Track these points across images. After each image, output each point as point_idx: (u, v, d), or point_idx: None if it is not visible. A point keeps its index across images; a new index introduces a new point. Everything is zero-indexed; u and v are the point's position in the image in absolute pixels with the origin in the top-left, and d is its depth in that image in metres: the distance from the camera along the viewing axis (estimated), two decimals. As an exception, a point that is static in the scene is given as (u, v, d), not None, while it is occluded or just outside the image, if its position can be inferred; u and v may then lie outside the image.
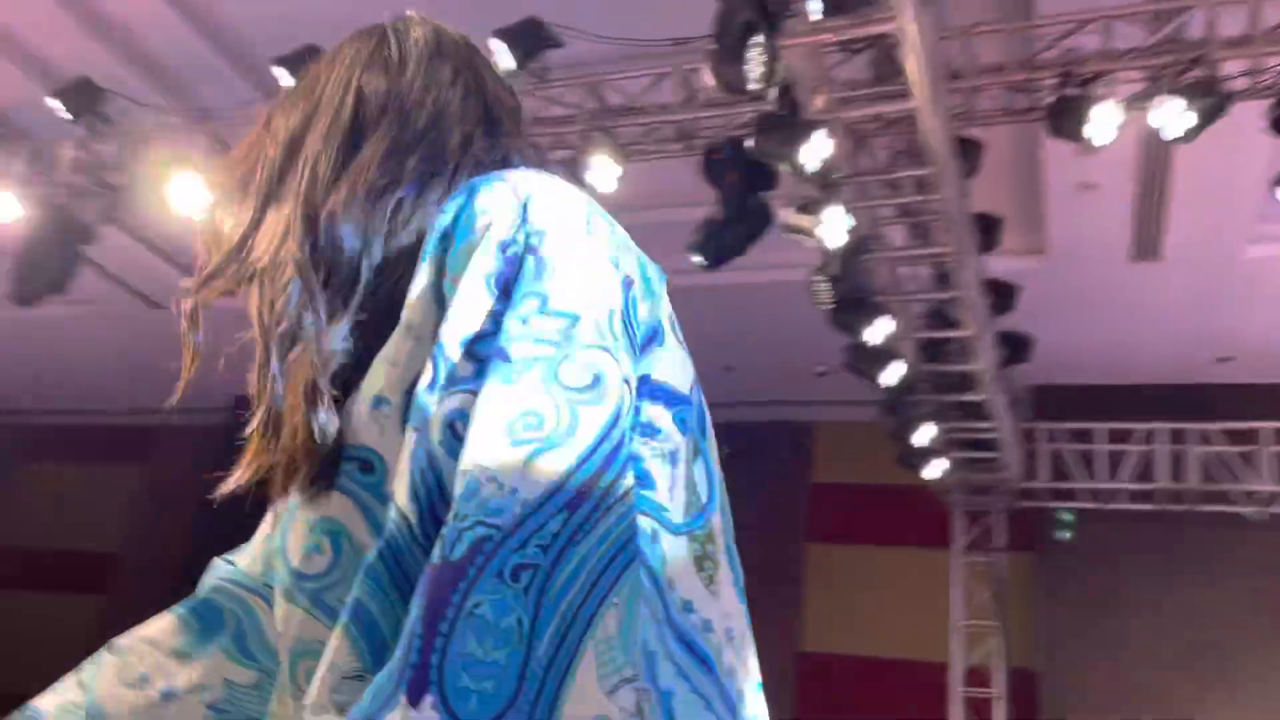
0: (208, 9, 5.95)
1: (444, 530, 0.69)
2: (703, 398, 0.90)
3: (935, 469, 7.38)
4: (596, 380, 0.75)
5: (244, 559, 1.12)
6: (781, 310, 7.10)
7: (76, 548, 11.34)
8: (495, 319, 0.79)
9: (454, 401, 0.77)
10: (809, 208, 4.40)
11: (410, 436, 0.78)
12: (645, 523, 0.80)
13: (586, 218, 0.84)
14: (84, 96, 5.65)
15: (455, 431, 0.75)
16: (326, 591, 0.84)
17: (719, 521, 0.87)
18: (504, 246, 0.81)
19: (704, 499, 0.86)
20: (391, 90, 0.97)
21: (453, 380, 0.78)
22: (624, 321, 0.80)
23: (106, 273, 7.87)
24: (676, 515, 0.83)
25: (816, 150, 4.02)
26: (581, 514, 0.70)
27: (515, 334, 0.77)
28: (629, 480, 0.73)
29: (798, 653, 9.12)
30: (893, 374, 5.82)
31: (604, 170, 4.90)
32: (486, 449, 0.71)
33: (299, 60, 5.27)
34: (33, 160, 6.07)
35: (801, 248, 4.93)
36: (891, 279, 5.51)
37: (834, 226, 4.38)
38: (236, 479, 0.90)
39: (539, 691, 0.65)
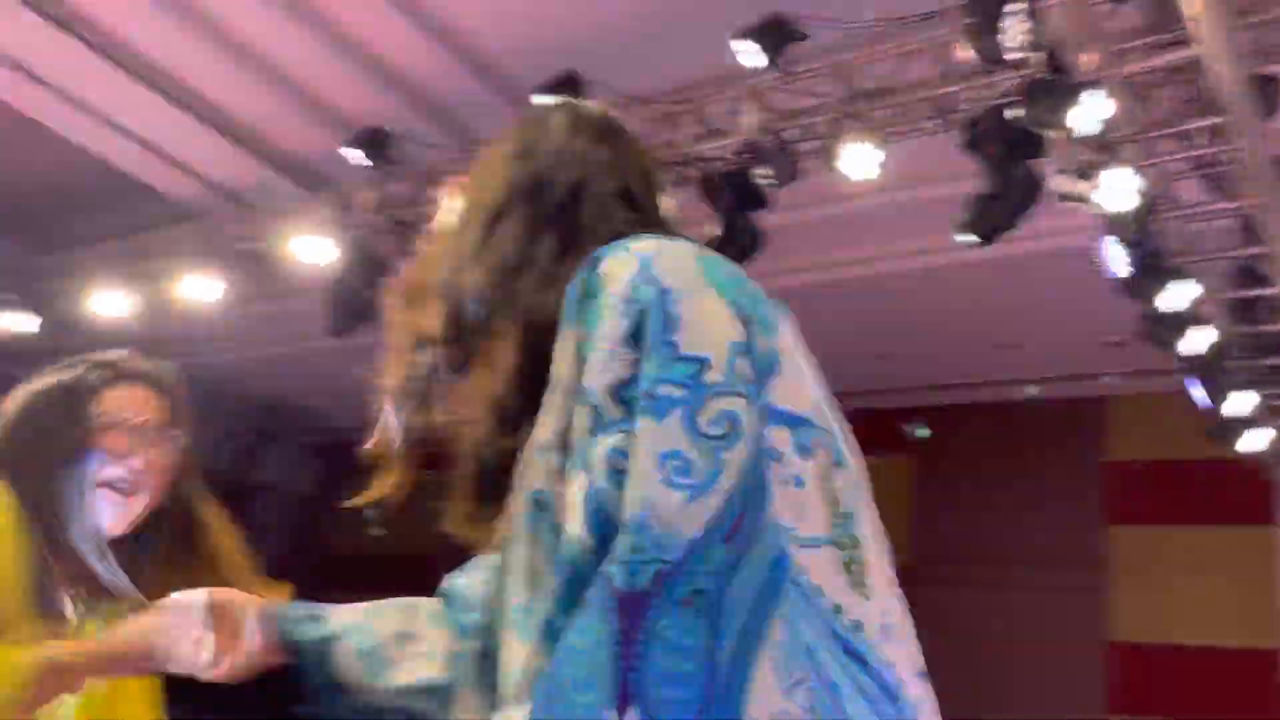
0: (477, 47, 6.36)
1: (623, 560, 0.81)
2: (833, 413, 0.99)
3: (1254, 440, 6.70)
4: (733, 424, 0.86)
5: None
6: (1061, 280, 6.71)
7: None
8: (633, 367, 0.90)
9: (611, 440, 0.88)
10: (1086, 172, 4.14)
11: (580, 477, 0.90)
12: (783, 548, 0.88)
13: (703, 268, 0.96)
14: (376, 143, 6.21)
15: (616, 467, 0.87)
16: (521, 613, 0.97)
17: (865, 526, 0.95)
18: (630, 303, 0.92)
19: (846, 509, 0.94)
20: (531, 173, 1.13)
21: (606, 423, 0.89)
22: (749, 356, 0.91)
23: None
24: (810, 529, 0.90)
25: (1092, 112, 3.78)
26: (739, 543, 0.82)
27: (654, 379, 0.89)
28: (773, 506, 0.85)
29: (1107, 642, 8.58)
30: (1197, 340, 5.35)
31: (860, 157, 4.83)
32: (649, 490, 0.84)
33: (559, 87, 5.56)
34: (336, 205, 6.74)
35: (1075, 213, 4.65)
36: (1187, 239, 5.08)
37: (1118, 189, 4.09)
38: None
39: (725, 694, 0.77)
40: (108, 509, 1.59)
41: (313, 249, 6.47)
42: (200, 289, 7.07)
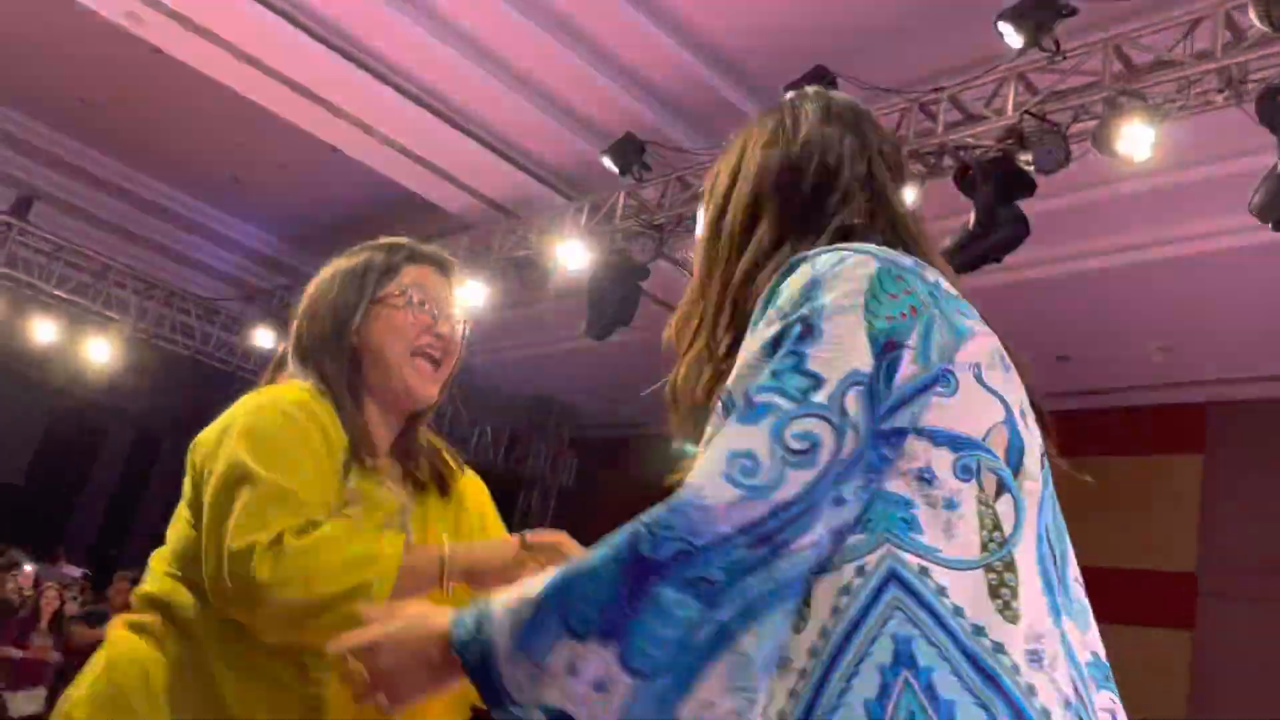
0: (725, 51, 6.43)
1: (653, 530, 0.90)
2: (1017, 438, 1.00)
3: None
4: (813, 447, 0.91)
5: None
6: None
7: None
8: (761, 367, 0.97)
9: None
10: None
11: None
12: (914, 560, 0.92)
13: (872, 288, 0.99)
14: (629, 151, 6.40)
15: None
16: None
17: (1027, 552, 0.96)
18: (785, 316, 0.99)
19: (1007, 533, 0.95)
20: (785, 159, 1.18)
21: (728, 413, 0.96)
22: (868, 390, 0.94)
23: (657, 300, 8.79)
24: (956, 551, 0.93)
25: None
26: (762, 553, 0.89)
27: (766, 383, 0.95)
28: (810, 538, 0.90)
29: None
30: None
31: (1137, 137, 4.49)
32: (707, 479, 0.91)
33: (810, 81, 5.53)
34: (592, 212, 7.00)
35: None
36: None
37: None
38: None
39: (686, 669, 0.88)
40: (421, 377, 1.64)
41: (572, 255, 6.74)
42: (470, 294, 7.54)
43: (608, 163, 6.51)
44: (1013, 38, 4.63)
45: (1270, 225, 4.15)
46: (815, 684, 0.89)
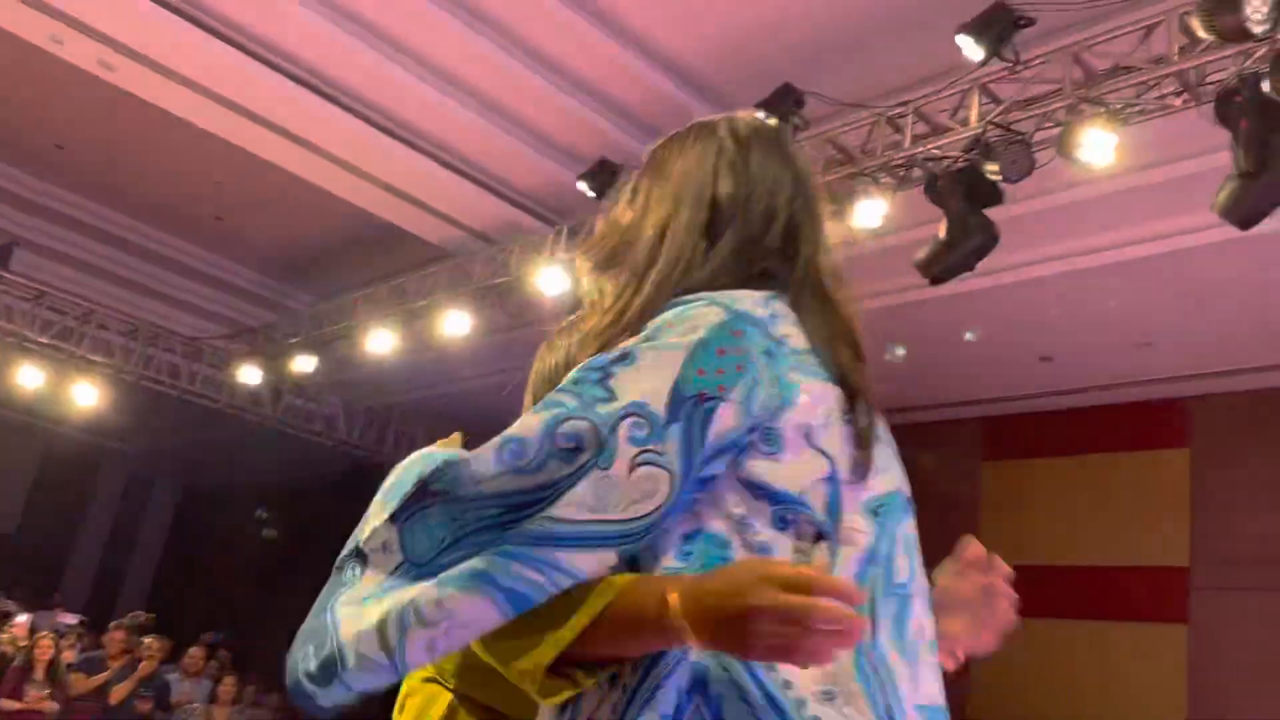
0: (696, 72, 6.49)
1: (434, 467, 1.04)
2: (838, 493, 1.10)
3: None
4: (576, 449, 1.02)
5: None
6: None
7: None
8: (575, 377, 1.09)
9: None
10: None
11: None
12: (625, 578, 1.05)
13: (699, 342, 1.07)
14: (604, 174, 6.45)
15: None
16: None
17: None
18: (630, 343, 1.09)
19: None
20: (739, 193, 1.23)
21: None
22: (653, 419, 1.03)
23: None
24: None
25: (1358, 75, 3.39)
26: (506, 519, 1.01)
27: (567, 387, 1.07)
28: (539, 513, 1.01)
29: None
30: None
31: (1098, 143, 4.55)
32: (482, 454, 1.04)
33: (777, 102, 5.59)
34: (571, 236, 7.05)
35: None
36: None
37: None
38: None
39: (420, 575, 1.01)
40: None
41: (552, 280, 6.79)
42: (455, 323, 7.59)
43: (584, 187, 6.57)
44: (973, 50, 4.70)
45: (1236, 225, 4.20)
46: (630, 692, 1.04)
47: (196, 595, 15.22)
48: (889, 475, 1.19)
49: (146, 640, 7.95)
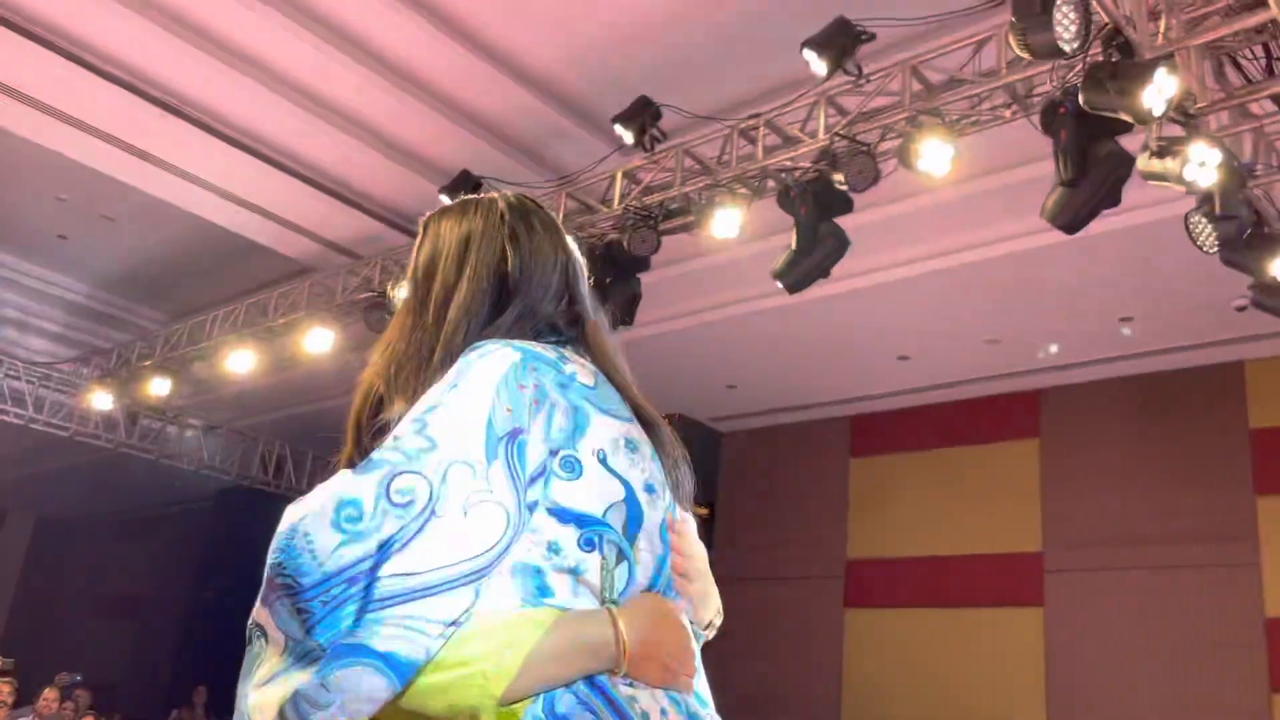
0: (555, 83, 6.51)
1: (282, 561, 1.05)
2: (636, 512, 1.18)
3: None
4: (411, 502, 1.06)
5: None
6: (1179, 247, 6.45)
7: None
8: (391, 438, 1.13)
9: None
10: (1167, 149, 3.99)
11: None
12: (549, 614, 1.12)
13: (501, 379, 1.15)
14: (464, 187, 6.42)
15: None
16: None
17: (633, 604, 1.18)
18: (434, 391, 1.16)
19: (618, 591, 1.17)
20: (523, 267, 1.32)
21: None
22: (474, 466, 1.09)
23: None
24: (577, 606, 1.13)
25: (1161, 91, 3.64)
26: (354, 591, 1.03)
27: (388, 445, 1.11)
28: (388, 571, 1.04)
29: (1266, 619, 8.15)
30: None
31: (936, 154, 4.76)
32: (316, 523, 1.06)
33: (635, 115, 5.66)
34: (436, 250, 6.97)
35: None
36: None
37: (1203, 163, 3.93)
38: None
39: (303, 644, 1.04)
40: None
41: (416, 295, 6.71)
42: (317, 340, 7.43)
43: (445, 199, 6.52)
44: (817, 64, 4.85)
45: (1062, 230, 4.44)
46: None
47: (53, 631, 14.47)
48: (669, 492, 1.28)
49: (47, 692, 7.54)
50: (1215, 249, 4.27)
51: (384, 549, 1.04)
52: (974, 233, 6.69)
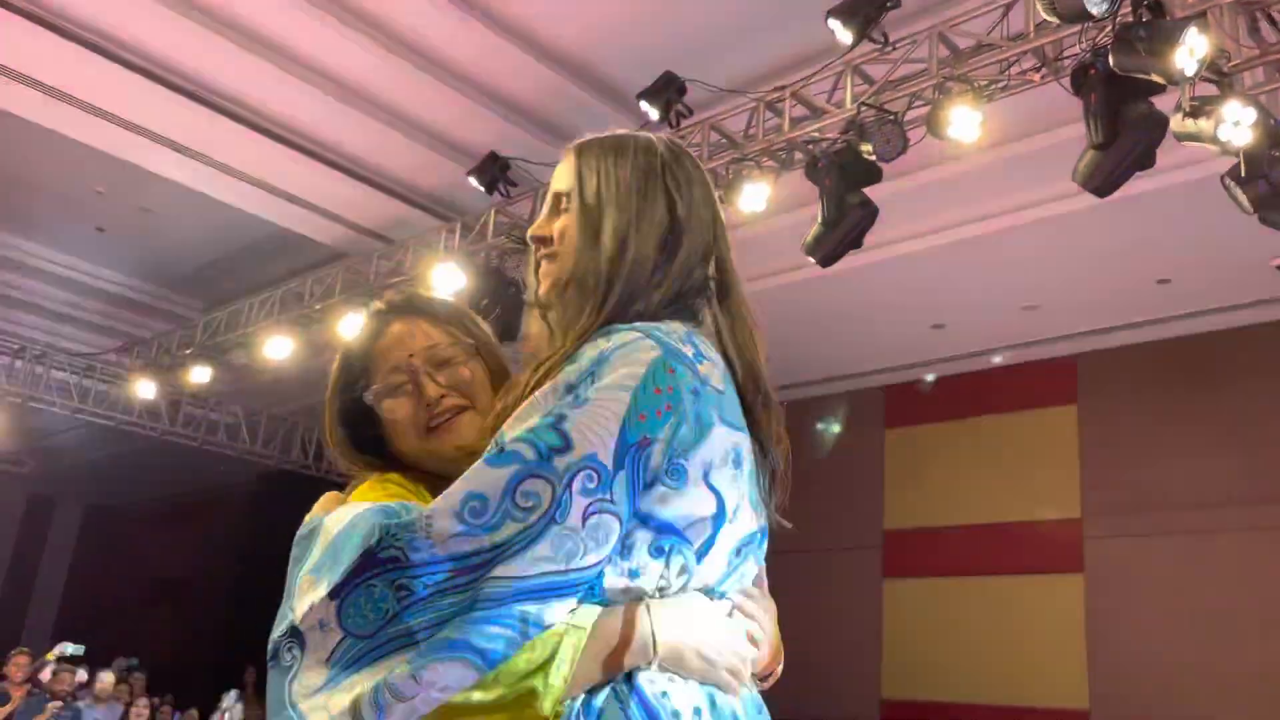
0: (580, 61, 6.51)
1: (387, 531, 1.07)
2: (717, 532, 1.17)
3: None
4: (534, 506, 1.06)
5: None
6: (1216, 207, 6.35)
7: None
8: (533, 415, 1.12)
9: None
10: (1200, 109, 3.93)
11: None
12: (590, 615, 1.13)
13: (641, 380, 1.12)
14: (492, 168, 6.45)
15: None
16: None
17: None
18: (569, 382, 1.13)
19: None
20: (684, 215, 1.28)
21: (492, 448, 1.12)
22: (596, 471, 1.08)
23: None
24: (622, 601, 1.14)
25: (1192, 50, 3.58)
26: (460, 580, 1.05)
27: (522, 434, 1.10)
28: (496, 572, 1.05)
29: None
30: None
31: (965, 120, 4.72)
32: (442, 509, 1.08)
33: (660, 90, 5.65)
34: (464, 232, 7.02)
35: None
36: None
37: (1237, 122, 3.86)
38: None
39: (369, 650, 1.05)
40: (443, 441, 1.47)
41: (447, 277, 6.77)
42: (351, 325, 7.50)
43: (474, 181, 6.55)
44: (842, 33, 4.81)
45: (1094, 193, 4.39)
46: None
47: (106, 617, 14.80)
48: (760, 512, 1.27)
49: (58, 672, 7.75)
50: (1251, 210, 4.20)
51: (499, 549, 1.05)
52: (1006, 198, 6.63)
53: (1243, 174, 3.95)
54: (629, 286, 1.21)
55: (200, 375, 9.00)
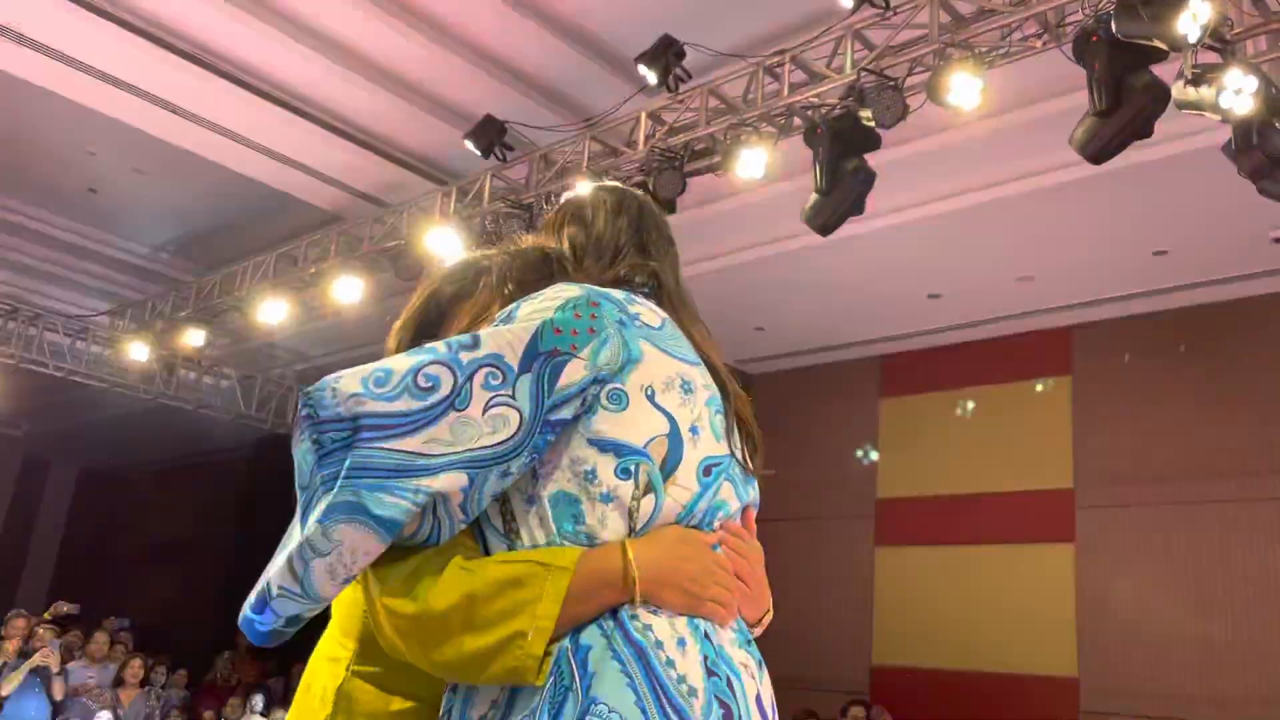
0: (576, 24, 6.44)
1: (304, 391, 1.18)
2: (676, 448, 1.24)
3: None
4: (432, 389, 1.17)
5: None
6: (1214, 178, 6.32)
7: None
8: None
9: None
10: (1202, 77, 3.90)
11: None
12: (571, 555, 1.20)
13: (556, 307, 1.25)
14: (489, 132, 6.39)
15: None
16: None
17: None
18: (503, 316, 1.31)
19: (640, 524, 1.22)
20: (589, 235, 1.51)
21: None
22: (507, 370, 1.19)
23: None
24: (605, 535, 1.21)
25: (1195, 16, 3.54)
26: (356, 439, 1.15)
27: (448, 339, 1.23)
28: (392, 444, 1.15)
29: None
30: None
31: (965, 87, 4.68)
32: (350, 375, 1.18)
33: (658, 54, 5.60)
34: (460, 196, 6.98)
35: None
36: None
37: (1239, 90, 3.83)
38: None
39: (307, 501, 1.18)
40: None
41: (443, 241, 6.74)
42: (347, 289, 7.48)
43: (470, 144, 6.50)
44: (843, -1, 4.77)
45: (1089, 160, 4.37)
46: None
47: (101, 578, 14.86)
48: (725, 442, 1.32)
49: (39, 630, 7.77)
50: (1251, 178, 4.18)
51: (393, 420, 1.15)
52: (1004, 168, 6.59)
53: (1242, 144, 3.92)
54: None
55: (194, 339, 8.97)
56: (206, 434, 11.79)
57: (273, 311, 8.16)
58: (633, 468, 1.21)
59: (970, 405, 9.17)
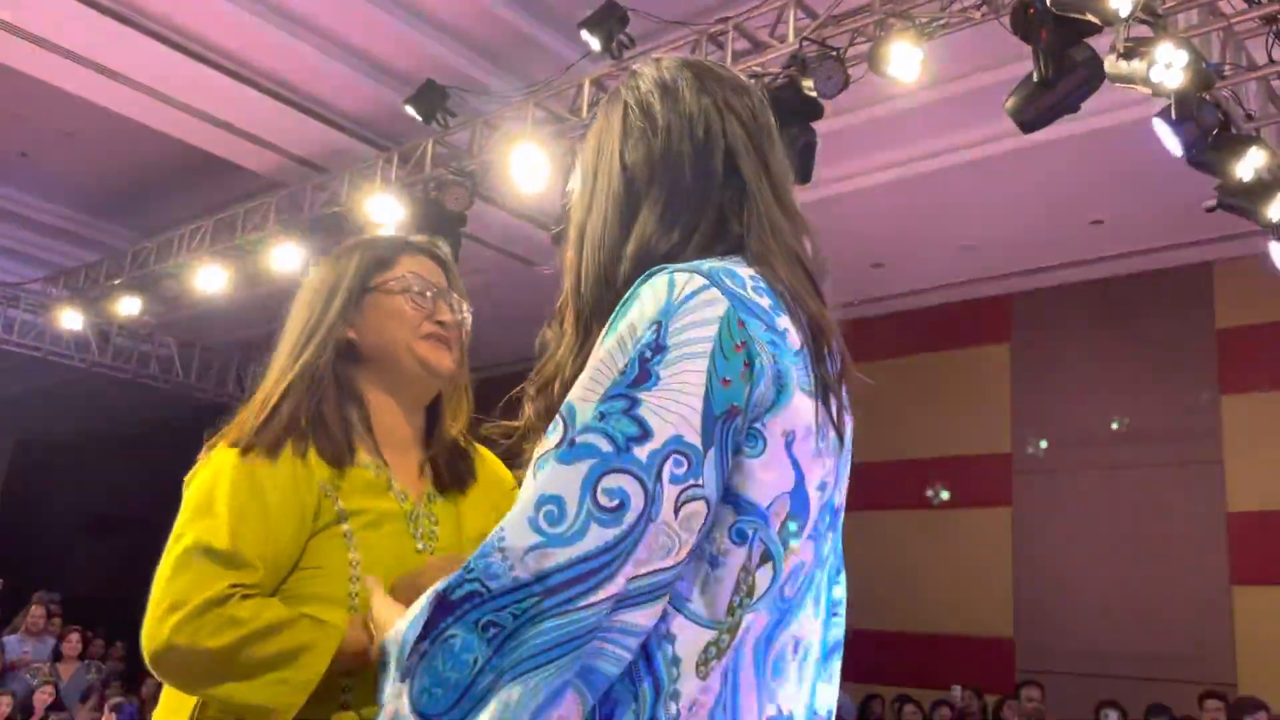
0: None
1: (463, 574, 0.91)
2: (799, 510, 1.01)
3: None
4: (621, 507, 0.91)
5: None
6: (1150, 149, 6.44)
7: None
8: (596, 394, 0.96)
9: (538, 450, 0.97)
10: (1134, 50, 3.96)
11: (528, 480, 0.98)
12: (667, 606, 0.96)
13: (715, 342, 0.96)
14: (431, 97, 6.30)
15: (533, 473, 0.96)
16: None
17: (756, 620, 1.00)
18: (633, 340, 0.97)
19: (750, 601, 0.99)
20: (650, 157, 1.11)
21: (556, 433, 0.96)
22: (685, 454, 0.93)
23: (487, 244, 8.71)
24: (701, 607, 0.97)
25: (1128, -11, 3.60)
26: (550, 603, 0.88)
27: (592, 423, 0.94)
28: (599, 595, 0.89)
29: (1228, 514, 8.38)
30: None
31: (905, 58, 4.71)
32: (513, 523, 0.92)
33: (602, 20, 5.55)
34: (402, 162, 6.89)
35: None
36: (1271, 100, 4.81)
37: (1169, 64, 3.90)
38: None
39: (465, 713, 0.89)
40: (434, 348, 1.60)
41: (383, 208, 6.65)
42: (285, 256, 7.37)
43: (411, 110, 6.41)
44: (785, -35, 4.76)
45: (1021, 127, 4.43)
46: None
47: (36, 551, 14.59)
48: (838, 489, 1.13)
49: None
50: (1179, 152, 4.27)
51: (593, 566, 0.89)
52: (945, 138, 6.66)
53: (1174, 116, 4.00)
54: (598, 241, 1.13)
55: (129, 306, 8.79)
56: (145, 404, 11.59)
57: (211, 279, 8.01)
58: (750, 532, 0.98)
59: (912, 372, 9.30)
